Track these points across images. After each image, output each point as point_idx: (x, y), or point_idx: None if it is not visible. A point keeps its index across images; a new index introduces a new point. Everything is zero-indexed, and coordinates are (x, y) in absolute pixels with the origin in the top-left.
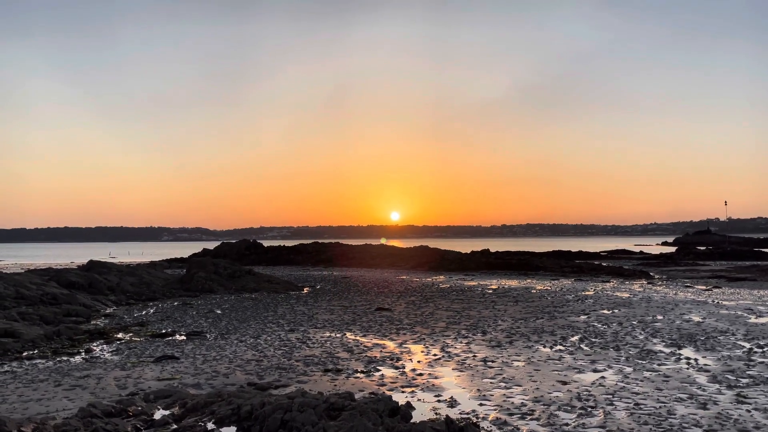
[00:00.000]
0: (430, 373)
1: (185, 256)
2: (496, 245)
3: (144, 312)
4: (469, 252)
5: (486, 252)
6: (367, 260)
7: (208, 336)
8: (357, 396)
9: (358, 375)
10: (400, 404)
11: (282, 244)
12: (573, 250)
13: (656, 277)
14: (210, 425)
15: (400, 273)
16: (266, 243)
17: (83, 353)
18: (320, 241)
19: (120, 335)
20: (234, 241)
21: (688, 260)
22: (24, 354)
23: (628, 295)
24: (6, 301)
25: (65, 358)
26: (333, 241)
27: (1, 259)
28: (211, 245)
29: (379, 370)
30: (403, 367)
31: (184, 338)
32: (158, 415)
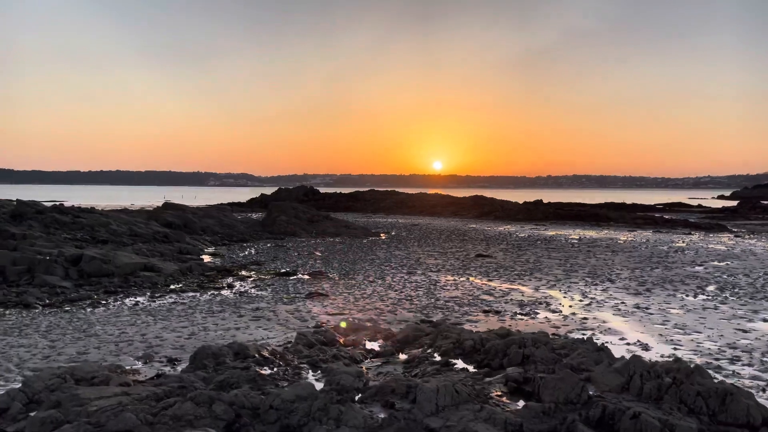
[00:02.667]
0: (594, 317)
1: (241, 201)
2: (547, 196)
3: (246, 252)
4: (522, 202)
5: (546, 203)
6: (427, 209)
7: (331, 276)
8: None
9: (522, 317)
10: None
11: (338, 191)
12: (627, 202)
13: (734, 230)
14: (437, 356)
15: (467, 222)
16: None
17: (226, 288)
18: (376, 189)
19: (243, 273)
20: (291, 187)
21: (756, 214)
22: (172, 287)
23: (724, 248)
24: (123, 237)
25: (215, 292)
26: (389, 189)
27: (64, 201)
28: (257, 191)
29: (537, 313)
30: (560, 311)
31: (308, 277)
32: (370, 345)
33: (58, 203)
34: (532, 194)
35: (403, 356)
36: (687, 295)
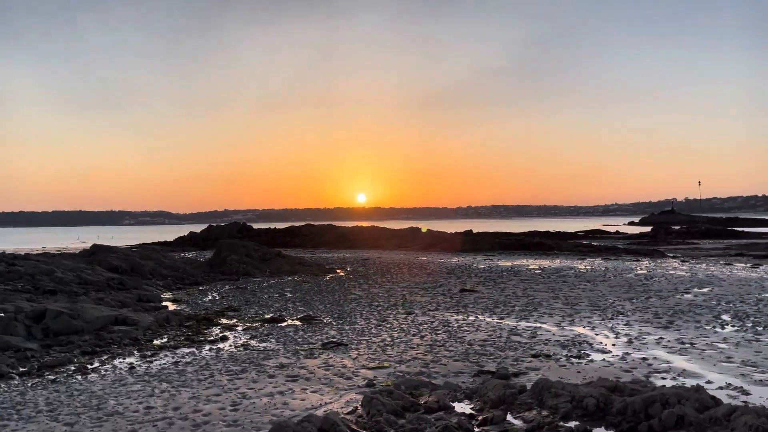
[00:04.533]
0: (653, 357)
1: (167, 240)
2: (473, 226)
3: (209, 297)
4: (452, 232)
5: (478, 233)
6: (370, 242)
7: (326, 321)
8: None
9: (577, 360)
10: None
11: (272, 227)
12: (550, 230)
13: (670, 255)
14: (560, 420)
15: (416, 255)
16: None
17: (221, 341)
18: (313, 223)
19: (225, 321)
20: (223, 224)
21: (675, 239)
22: (157, 342)
23: (686, 274)
24: (72, 286)
25: (213, 347)
26: (326, 223)
27: None
28: (177, 229)
29: (588, 355)
30: (609, 351)
31: (301, 323)
32: (460, 408)
33: None
34: (458, 225)
35: (517, 421)
36: (714, 327)
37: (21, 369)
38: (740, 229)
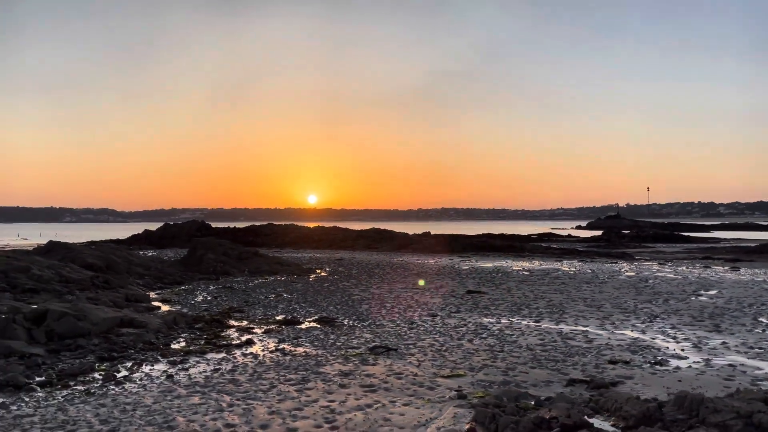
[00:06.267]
0: (742, 364)
1: (119, 237)
2: (427, 229)
3: (199, 297)
4: (411, 234)
5: (446, 235)
6: (336, 242)
7: (346, 323)
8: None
9: (663, 368)
10: None
11: (232, 226)
12: (504, 233)
13: (638, 258)
14: None
15: (390, 255)
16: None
17: (246, 345)
18: (275, 223)
19: (234, 323)
20: (181, 222)
21: (631, 243)
22: (174, 346)
23: (678, 277)
24: (54, 284)
25: (245, 352)
26: (288, 223)
27: None
28: (122, 227)
29: (668, 362)
30: (686, 357)
31: (320, 325)
32: (600, 425)
33: None
34: (412, 227)
35: None
36: (765, 330)
37: (38, 378)
38: (686, 234)
